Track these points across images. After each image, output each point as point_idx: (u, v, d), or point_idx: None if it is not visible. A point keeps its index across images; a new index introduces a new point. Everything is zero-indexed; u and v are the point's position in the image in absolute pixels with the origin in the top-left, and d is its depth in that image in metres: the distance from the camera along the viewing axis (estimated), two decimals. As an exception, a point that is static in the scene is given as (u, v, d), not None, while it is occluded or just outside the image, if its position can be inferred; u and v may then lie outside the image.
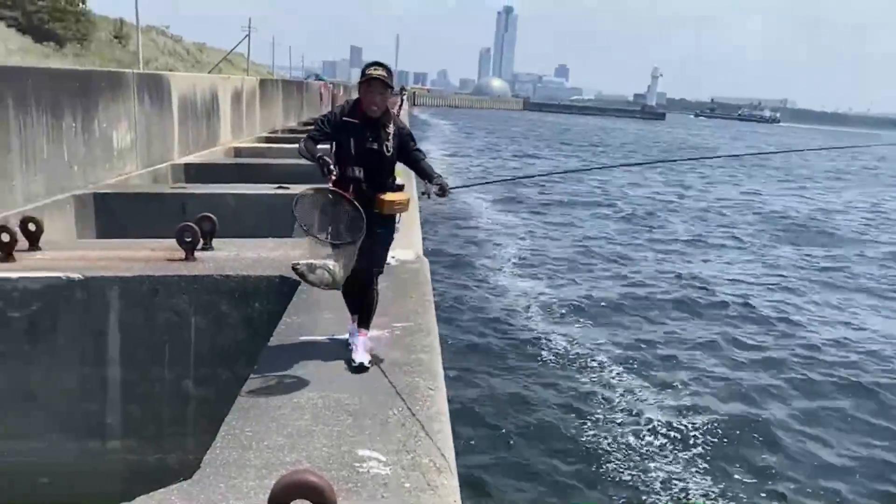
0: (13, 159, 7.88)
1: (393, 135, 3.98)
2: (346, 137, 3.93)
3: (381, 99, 3.90)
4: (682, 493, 7.11)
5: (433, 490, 2.66)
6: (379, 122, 3.94)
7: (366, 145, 3.90)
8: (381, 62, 3.97)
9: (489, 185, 28.73)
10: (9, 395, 5.41)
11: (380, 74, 3.84)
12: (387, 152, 3.96)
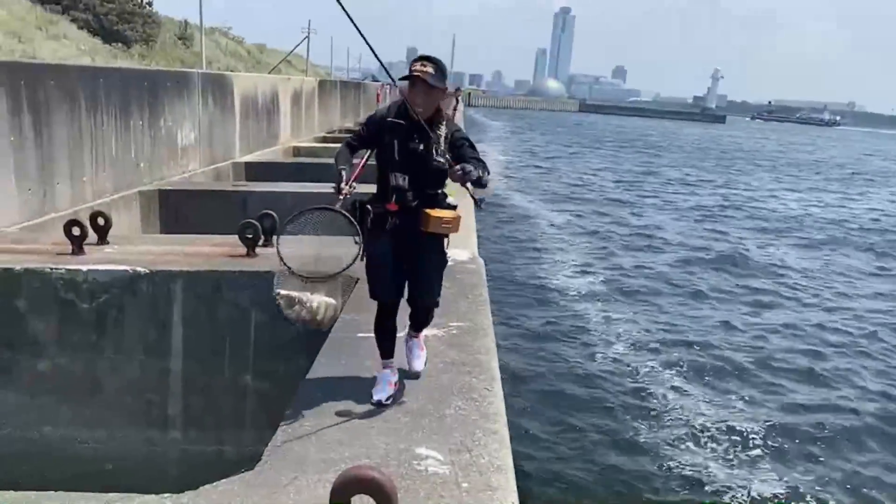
0: (84, 156, 8.17)
1: (444, 138, 3.45)
2: (390, 140, 3.47)
3: (426, 99, 3.39)
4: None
5: (491, 490, 2.65)
6: (430, 123, 3.44)
7: (409, 146, 3.43)
8: (430, 57, 3.44)
9: (548, 185, 28.62)
10: (78, 384, 5.61)
11: (422, 72, 3.35)
12: (436, 155, 3.45)
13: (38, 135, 7.26)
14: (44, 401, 5.65)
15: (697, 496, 6.96)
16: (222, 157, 12.85)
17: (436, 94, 3.41)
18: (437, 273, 3.63)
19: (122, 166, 9.05)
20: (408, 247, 3.47)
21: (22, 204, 7.03)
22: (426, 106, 3.41)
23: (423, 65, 3.39)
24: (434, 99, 3.42)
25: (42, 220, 7.30)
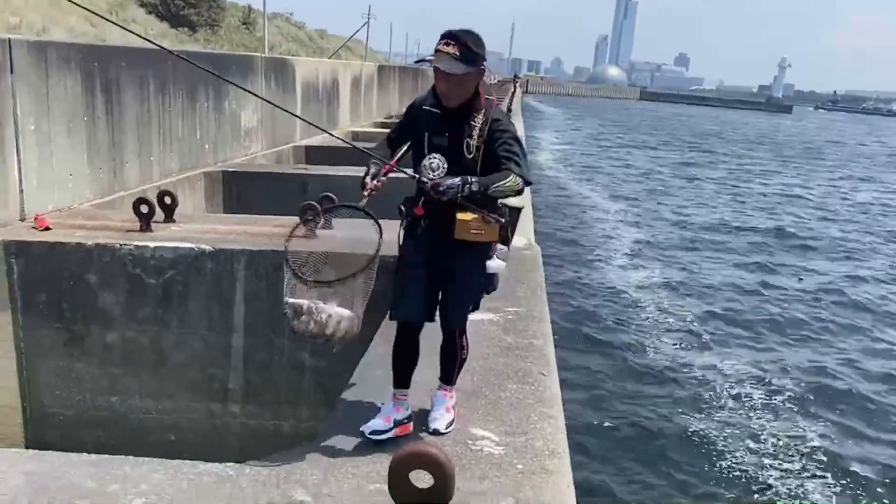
0: (152, 136, 8.42)
1: (480, 128, 2.88)
2: (422, 131, 2.97)
3: (450, 86, 2.84)
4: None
5: (547, 473, 2.67)
6: (463, 111, 2.91)
7: (437, 139, 2.91)
8: (455, 33, 2.80)
9: (603, 173, 28.26)
10: (144, 356, 5.82)
11: (445, 53, 2.78)
12: (467, 152, 2.86)
13: (109, 115, 7.51)
14: (112, 371, 5.88)
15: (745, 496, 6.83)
16: (283, 141, 13.07)
17: (464, 79, 2.82)
18: (467, 290, 3.03)
19: (187, 147, 9.29)
20: (440, 258, 2.95)
21: (93, 182, 7.30)
22: (452, 94, 2.87)
23: (447, 43, 2.79)
24: (463, 85, 2.84)
25: (112, 198, 7.56)
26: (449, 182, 2.70)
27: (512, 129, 2.91)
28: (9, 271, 5.68)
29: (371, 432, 2.92)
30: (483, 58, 2.85)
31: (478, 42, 2.83)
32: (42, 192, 6.50)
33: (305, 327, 2.70)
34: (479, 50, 2.83)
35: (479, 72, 2.86)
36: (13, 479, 2.59)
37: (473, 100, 2.91)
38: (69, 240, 5.73)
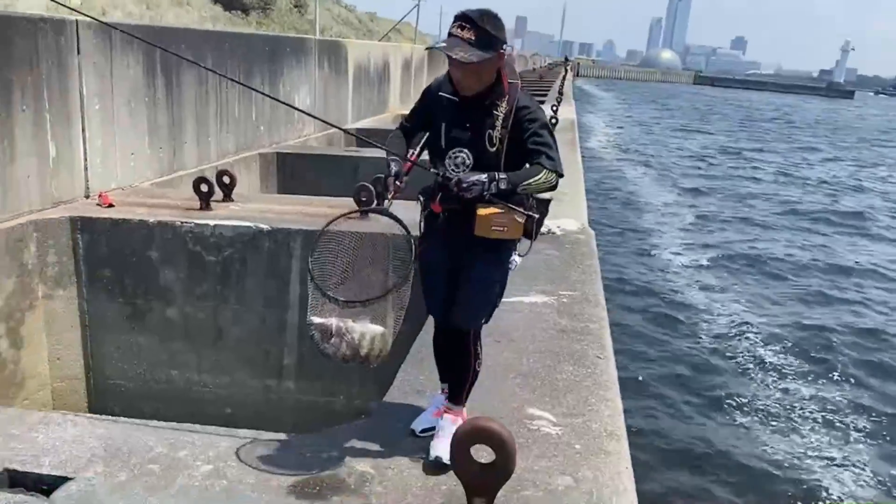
0: (210, 117, 8.58)
1: (504, 118, 2.58)
2: (439, 120, 2.69)
3: (467, 74, 2.56)
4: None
5: (605, 454, 2.66)
6: (484, 99, 2.61)
7: (454, 132, 2.63)
8: (469, 15, 2.50)
9: (655, 158, 27.83)
10: (204, 332, 5.97)
11: (461, 36, 2.50)
12: (489, 145, 2.57)
13: (169, 96, 7.67)
14: (172, 346, 6.05)
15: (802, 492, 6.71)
16: (335, 122, 13.18)
17: (481, 67, 2.53)
18: (482, 289, 2.69)
19: (243, 128, 9.45)
20: (460, 254, 2.69)
21: (154, 161, 7.49)
22: (468, 83, 2.59)
23: (461, 27, 2.50)
24: (480, 73, 2.56)
25: (171, 177, 7.75)
26: (474, 178, 2.45)
27: (541, 117, 2.62)
28: (74, 247, 5.87)
29: (421, 430, 2.79)
30: (503, 41, 2.56)
31: (496, 24, 2.53)
32: (105, 170, 6.69)
33: (336, 350, 2.44)
34: (499, 33, 2.54)
35: (499, 56, 2.56)
36: (90, 442, 2.70)
37: (495, 86, 2.61)
38: (132, 217, 5.90)
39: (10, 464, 2.55)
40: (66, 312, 5.90)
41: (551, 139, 2.61)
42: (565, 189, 7.60)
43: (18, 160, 5.62)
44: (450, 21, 2.54)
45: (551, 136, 2.61)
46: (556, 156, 2.58)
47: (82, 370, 6.09)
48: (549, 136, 2.61)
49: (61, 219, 5.79)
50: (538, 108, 2.66)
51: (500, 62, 2.59)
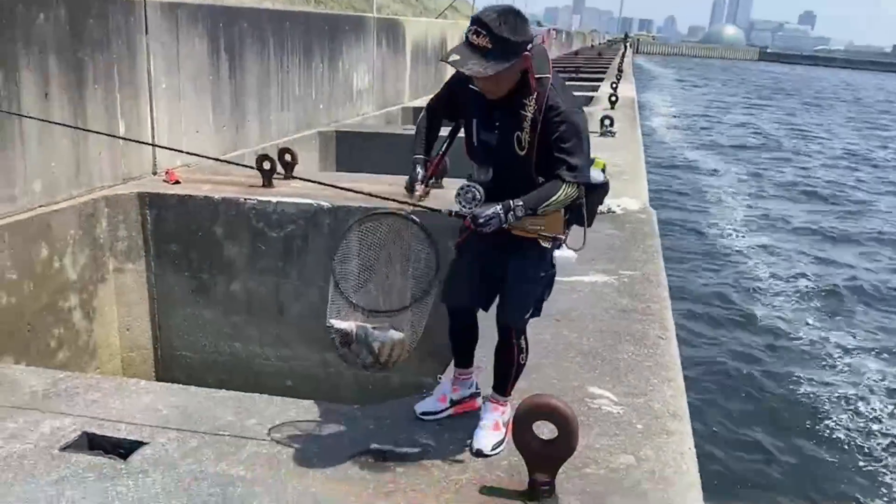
0: (271, 96, 8.70)
1: (532, 118, 2.38)
2: (470, 116, 2.53)
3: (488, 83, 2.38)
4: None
5: (667, 434, 2.64)
6: (512, 98, 2.41)
7: (484, 132, 2.49)
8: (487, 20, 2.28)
9: (716, 138, 27.15)
10: (266, 306, 6.12)
11: (476, 44, 2.30)
12: (518, 148, 2.40)
13: (232, 75, 7.81)
14: (235, 319, 6.22)
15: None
16: (393, 101, 13.23)
17: (499, 76, 2.33)
18: (523, 287, 2.57)
19: (303, 107, 9.56)
20: (495, 254, 2.55)
21: (217, 139, 7.65)
22: (490, 90, 2.42)
23: (476, 33, 2.30)
24: (500, 81, 2.37)
25: (234, 155, 7.91)
26: (489, 213, 2.30)
27: (571, 117, 2.37)
28: (143, 222, 6.07)
29: (422, 413, 2.77)
30: (526, 43, 2.32)
31: (517, 27, 2.30)
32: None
33: (356, 357, 2.41)
34: (519, 36, 2.30)
35: (523, 59, 2.34)
36: (162, 409, 2.81)
37: (521, 86, 2.40)
38: (198, 193, 6.05)
39: (89, 428, 2.67)
40: (136, 285, 6.11)
41: (577, 141, 2.38)
42: (626, 168, 7.51)
43: (91, 137, 5.81)
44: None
45: (577, 139, 2.38)
46: (579, 162, 2.36)
47: (150, 341, 6.31)
48: (576, 137, 2.38)
49: (130, 195, 5.99)
50: (570, 104, 2.41)
51: (525, 64, 2.36)
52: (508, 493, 2.31)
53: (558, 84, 2.44)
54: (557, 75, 2.48)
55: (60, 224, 5.40)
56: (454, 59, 2.31)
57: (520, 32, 2.31)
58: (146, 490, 2.31)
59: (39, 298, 5.23)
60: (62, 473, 2.40)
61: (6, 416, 2.76)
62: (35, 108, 5.22)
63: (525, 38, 2.33)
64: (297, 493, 2.31)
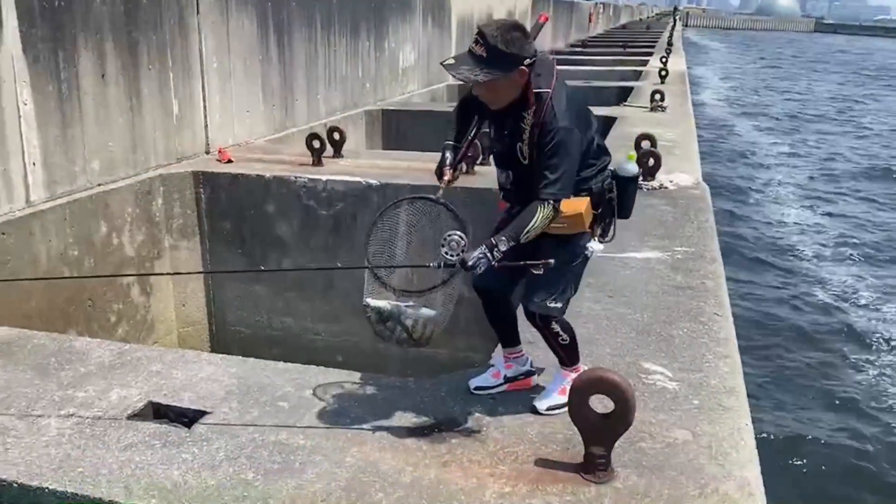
0: (318, 75, 8.76)
1: (530, 130, 2.44)
2: (488, 122, 2.62)
3: (485, 91, 2.45)
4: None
5: (724, 410, 2.61)
6: (514, 110, 2.46)
7: (494, 146, 2.61)
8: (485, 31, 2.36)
9: (770, 112, 26.45)
10: (316, 283, 6.21)
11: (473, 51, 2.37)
12: (521, 158, 2.48)
13: (281, 54, 7.88)
14: (287, 295, 6.33)
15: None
16: (438, 79, 13.19)
17: (496, 85, 2.40)
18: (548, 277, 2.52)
19: (350, 86, 9.60)
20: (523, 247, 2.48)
21: (267, 118, 7.74)
22: (488, 99, 2.48)
23: (475, 41, 2.37)
24: (498, 90, 2.43)
25: (283, 134, 8.00)
26: (476, 255, 2.32)
27: (558, 136, 2.38)
28: (197, 200, 6.20)
29: (475, 387, 2.80)
30: (523, 58, 2.36)
31: (512, 41, 2.34)
32: (224, 127, 6.98)
33: (391, 334, 2.53)
34: (515, 50, 2.35)
35: (520, 73, 2.38)
36: (223, 379, 2.89)
37: (526, 91, 2.43)
38: (250, 172, 6.15)
39: (154, 397, 2.77)
40: (191, 262, 6.25)
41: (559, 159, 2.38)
42: (678, 143, 7.38)
43: (146, 117, 5.95)
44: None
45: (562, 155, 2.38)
46: (557, 176, 2.37)
47: (205, 317, 6.47)
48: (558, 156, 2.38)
49: (185, 173, 6.12)
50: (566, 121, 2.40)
51: (523, 79, 2.40)
52: (564, 466, 2.32)
53: (558, 100, 2.44)
54: (562, 90, 2.48)
55: (118, 202, 5.55)
56: (449, 62, 2.42)
57: (515, 46, 2.36)
58: (211, 456, 2.38)
59: (99, 274, 5.40)
60: (131, 440, 2.49)
61: (76, 384, 2.87)
62: (92, 89, 5.36)
63: (521, 53, 2.37)
64: (356, 460, 2.36)
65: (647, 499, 2.17)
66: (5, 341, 3.26)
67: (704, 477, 2.26)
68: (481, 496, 2.18)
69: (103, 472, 2.31)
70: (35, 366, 3.03)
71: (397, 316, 2.49)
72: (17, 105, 4.75)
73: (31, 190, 4.93)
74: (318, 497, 2.18)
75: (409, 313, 2.49)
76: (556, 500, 2.16)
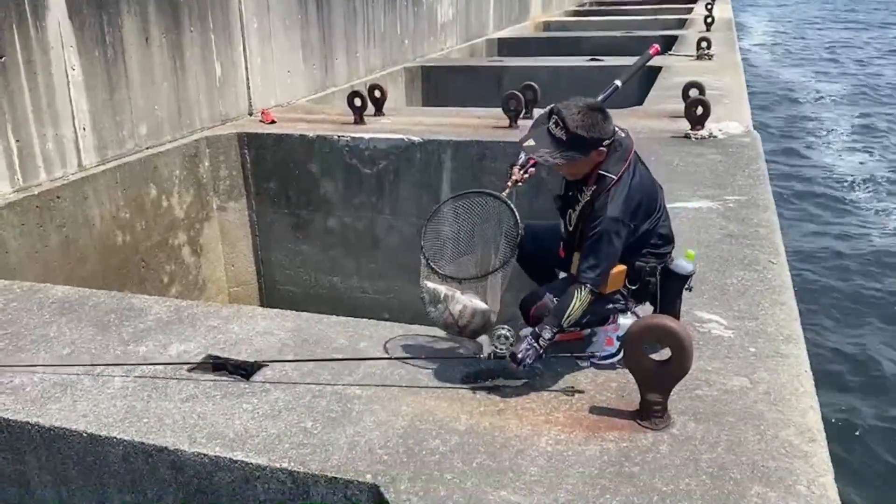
0: (357, 33, 8.69)
1: (584, 205, 2.51)
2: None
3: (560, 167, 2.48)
4: None
5: (781, 357, 2.57)
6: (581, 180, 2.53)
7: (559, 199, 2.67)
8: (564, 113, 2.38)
9: (818, 56, 25.52)
10: (362, 241, 6.25)
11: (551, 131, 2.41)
12: (569, 224, 2.59)
13: (320, 13, 7.82)
14: (333, 254, 6.39)
15: None
16: (477, 34, 12.99)
17: (572, 164, 2.44)
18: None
19: (389, 43, 9.52)
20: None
21: (308, 78, 7.73)
22: (563, 172, 2.55)
23: (556, 123, 2.39)
24: (572, 168, 2.48)
25: (324, 94, 7.99)
26: (523, 347, 2.38)
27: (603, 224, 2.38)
28: (243, 162, 6.25)
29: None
30: (602, 140, 2.39)
31: (594, 126, 2.36)
32: (266, 88, 7.00)
33: (440, 316, 2.61)
34: (597, 133, 2.37)
35: (597, 153, 2.42)
36: (279, 333, 2.93)
37: (594, 173, 2.48)
38: (293, 132, 6.17)
39: (211, 351, 2.83)
40: (238, 223, 6.34)
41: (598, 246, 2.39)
42: (726, 91, 7.17)
43: (189, 80, 5.99)
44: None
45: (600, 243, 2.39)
46: (595, 263, 2.39)
47: (254, 276, 6.58)
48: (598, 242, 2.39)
49: (230, 135, 6.16)
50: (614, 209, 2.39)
51: (599, 158, 2.44)
52: (619, 413, 2.31)
53: (620, 189, 2.43)
54: (628, 179, 2.45)
55: (166, 165, 5.63)
56: (529, 144, 2.46)
57: (597, 130, 2.38)
58: (270, 406, 2.43)
59: (151, 236, 5.51)
60: (192, 392, 2.55)
61: (138, 339, 2.95)
62: (137, 52, 5.41)
63: (601, 136, 2.40)
64: (412, 409, 2.38)
65: (705, 445, 2.15)
66: (67, 300, 3.36)
67: (763, 423, 2.23)
68: (537, 442, 2.19)
69: (167, 423, 2.38)
70: (96, 322, 3.12)
71: (448, 301, 2.60)
72: (66, 70, 4.82)
73: (82, 155, 5.03)
74: (376, 444, 2.22)
75: (460, 299, 2.60)
76: (613, 447, 2.16)
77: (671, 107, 6.42)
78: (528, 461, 2.12)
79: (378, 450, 2.19)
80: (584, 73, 9.40)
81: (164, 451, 2.29)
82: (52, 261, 4.66)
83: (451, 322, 2.61)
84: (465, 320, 2.59)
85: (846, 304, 7.86)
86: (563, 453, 2.14)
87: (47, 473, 2.51)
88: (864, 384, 6.39)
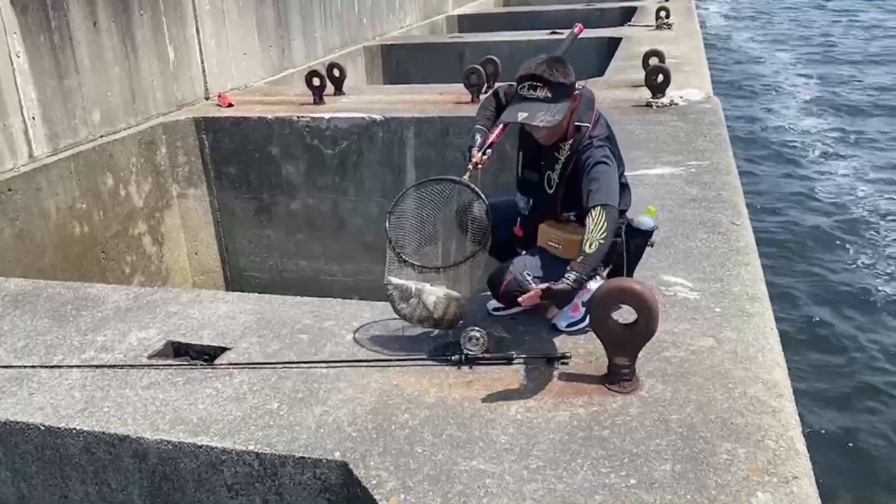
0: (314, 13, 8.54)
1: (564, 161, 2.50)
2: (520, 144, 2.69)
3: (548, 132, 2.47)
4: None
5: (747, 316, 2.58)
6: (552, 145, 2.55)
7: (524, 173, 2.66)
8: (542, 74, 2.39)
9: (773, 27, 25.78)
10: (326, 223, 6.17)
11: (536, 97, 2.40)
12: (548, 187, 2.57)
13: (274, -8, 7.66)
14: (299, 237, 6.30)
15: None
16: (436, 11, 12.87)
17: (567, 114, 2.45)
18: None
19: (346, 22, 9.37)
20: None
21: (264, 60, 7.58)
22: (552, 138, 2.51)
23: (533, 86, 2.40)
24: (557, 128, 2.46)
25: (282, 75, 7.85)
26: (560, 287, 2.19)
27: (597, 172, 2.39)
28: (201, 147, 6.11)
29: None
30: (575, 84, 2.45)
31: (566, 70, 2.42)
32: (221, 71, 6.84)
33: (412, 311, 2.51)
34: (571, 78, 2.43)
35: (574, 99, 2.46)
36: (241, 316, 2.87)
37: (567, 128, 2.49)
38: (251, 115, 6.05)
39: (172, 337, 2.76)
40: (200, 210, 6.22)
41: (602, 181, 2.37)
42: (685, 59, 7.18)
43: (142, 64, 5.82)
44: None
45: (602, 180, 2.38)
46: (599, 185, 2.36)
47: (219, 264, 6.47)
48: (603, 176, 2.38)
49: (187, 120, 6.02)
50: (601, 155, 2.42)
51: (572, 106, 2.47)
52: (588, 378, 2.30)
53: (598, 132, 2.50)
54: (600, 121, 2.54)
55: (122, 153, 5.49)
56: (523, 116, 2.39)
57: (571, 74, 2.44)
58: (234, 390, 2.38)
59: (110, 226, 5.38)
60: (153, 379, 2.49)
61: (95, 328, 2.87)
62: (86, 37, 5.24)
63: (574, 80, 2.46)
64: (380, 385, 2.35)
65: (674, 405, 2.15)
66: (21, 292, 3.26)
67: (731, 381, 2.24)
68: (506, 411, 2.18)
69: (128, 411, 2.32)
70: (52, 313, 3.03)
71: (419, 294, 2.50)
72: (10, 57, 4.65)
73: (33, 145, 4.87)
74: (344, 422, 2.18)
75: (431, 291, 2.50)
76: (583, 412, 2.15)
77: (632, 76, 6.42)
78: (499, 430, 2.10)
79: (346, 427, 2.16)
80: (545, 46, 9.31)
81: (126, 439, 2.23)
82: (5, 254, 4.52)
83: (426, 315, 2.51)
84: (441, 311, 2.51)
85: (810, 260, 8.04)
86: (532, 421, 2.13)
87: (5, 469, 2.44)
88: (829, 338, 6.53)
